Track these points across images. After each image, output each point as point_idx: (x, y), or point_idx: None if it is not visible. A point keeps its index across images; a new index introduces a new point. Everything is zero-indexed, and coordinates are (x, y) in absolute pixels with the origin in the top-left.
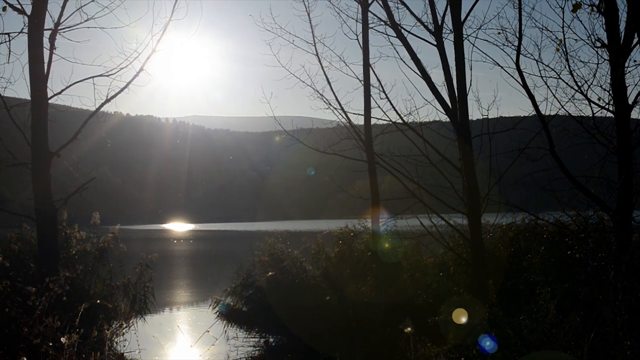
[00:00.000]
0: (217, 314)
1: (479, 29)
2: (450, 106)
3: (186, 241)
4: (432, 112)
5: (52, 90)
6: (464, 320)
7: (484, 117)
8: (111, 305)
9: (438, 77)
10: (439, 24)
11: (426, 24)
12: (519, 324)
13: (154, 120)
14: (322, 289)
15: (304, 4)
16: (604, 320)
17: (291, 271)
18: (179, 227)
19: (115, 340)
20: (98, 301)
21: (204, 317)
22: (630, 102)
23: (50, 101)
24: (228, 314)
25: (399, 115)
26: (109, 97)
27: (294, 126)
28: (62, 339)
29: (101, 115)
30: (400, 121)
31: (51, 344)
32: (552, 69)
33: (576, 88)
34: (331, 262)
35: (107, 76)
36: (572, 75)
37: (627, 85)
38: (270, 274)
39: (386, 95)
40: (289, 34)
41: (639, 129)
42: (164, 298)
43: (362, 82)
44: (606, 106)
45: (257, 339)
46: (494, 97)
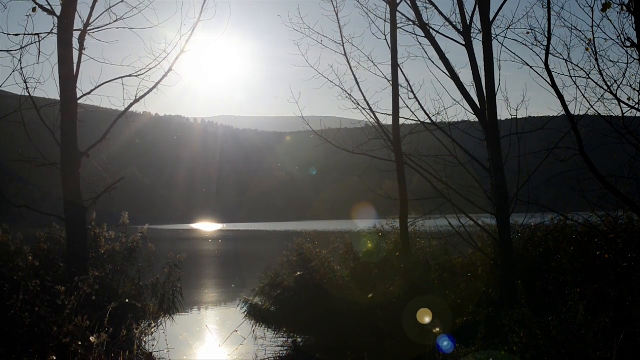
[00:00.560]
0: (245, 313)
1: (508, 28)
2: (479, 106)
3: (216, 241)
4: (460, 112)
5: (82, 90)
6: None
7: (513, 117)
8: (140, 305)
9: (466, 77)
10: (468, 23)
11: (455, 23)
12: (547, 325)
13: (182, 120)
14: (350, 289)
15: (333, 4)
16: (633, 321)
17: (319, 271)
18: (207, 226)
19: (144, 339)
20: (127, 301)
21: (232, 316)
22: None
23: (79, 101)
24: (256, 314)
25: (428, 115)
26: (137, 97)
27: (323, 126)
28: (91, 338)
29: (130, 115)
30: (428, 121)
31: (80, 343)
32: (582, 68)
33: (606, 88)
34: (359, 262)
35: (136, 76)
36: (602, 75)
37: None
38: (298, 274)
39: (414, 95)
40: (317, 34)
41: None
42: (193, 297)
43: (391, 82)
44: (636, 106)
45: (285, 339)
46: (522, 97)
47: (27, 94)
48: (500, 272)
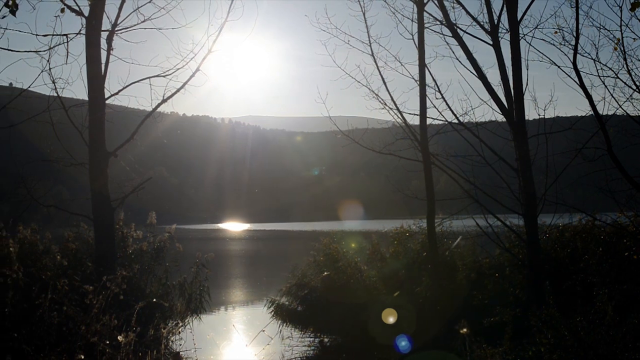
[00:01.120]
0: (272, 313)
1: (536, 28)
2: (507, 106)
3: (246, 240)
4: (487, 112)
5: (110, 90)
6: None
7: (540, 117)
8: (167, 304)
9: (494, 76)
10: (495, 23)
11: (482, 23)
12: (575, 326)
13: (210, 120)
14: (377, 289)
15: (360, 4)
16: None
17: (346, 271)
18: (234, 226)
19: (171, 339)
20: (154, 300)
21: (259, 316)
22: None
23: (107, 101)
24: (283, 314)
25: (455, 115)
26: (165, 98)
27: (349, 126)
28: (119, 338)
29: (157, 115)
30: (455, 121)
31: (108, 342)
32: (610, 68)
33: (634, 87)
34: (386, 262)
35: (164, 77)
36: (630, 74)
37: None
38: (325, 274)
39: (442, 95)
40: (344, 34)
41: None
42: (220, 297)
43: (418, 82)
44: None
45: (311, 339)
46: (550, 96)
47: (55, 94)
48: (527, 273)
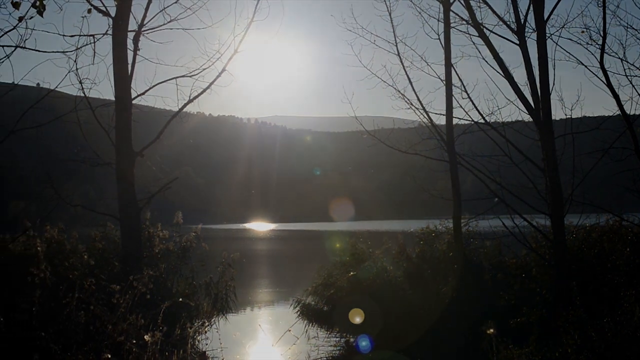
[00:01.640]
0: (298, 313)
1: (562, 27)
2: (533, 106)
3: (273, 240)
4: (514, 112)
5: (136, 90)
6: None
7: (567, 116)
8: (193, 304)
9: (520, 76)
10: (522, 22)
11: (508, 22)
12: (602, 327)
13: (236, 121)
14: (403, 289)
15: (386, 4)
16: None
17: (372, 271)
18: (260, 226)
19: (198, 338)
20: (180, 300)
21: (285, 316)
22: None
23: (134, 101)
24: (309, 314)
25: (481, 115)
26: (191, 98)
27: (375, 126)
28: (146, 337)
29: (183, 115)
30: (482, 121)
31: (135, 341)
32: (637, 67)
33: None
34: (412, 262)
35: (190, 77)
36: None
37: None
38: (351, 274)
39: (468, 95)
40: (370, 34)
41: None
42: (246, 297)
43: (444, 81)
44: None
45: (337, 339)
46: (577, 96)
47: (82, 95)
48: (554, 273)
